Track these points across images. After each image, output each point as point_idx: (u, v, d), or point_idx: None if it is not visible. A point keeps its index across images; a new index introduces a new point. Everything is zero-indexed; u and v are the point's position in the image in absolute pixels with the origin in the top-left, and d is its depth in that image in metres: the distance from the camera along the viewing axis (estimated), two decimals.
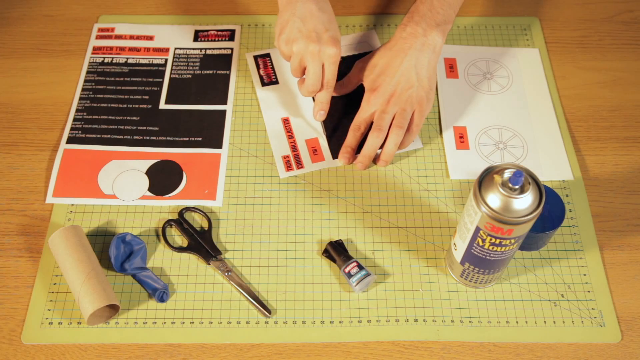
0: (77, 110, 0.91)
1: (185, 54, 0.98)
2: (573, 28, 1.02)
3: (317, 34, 0.80)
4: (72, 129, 0.89)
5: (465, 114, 0.92)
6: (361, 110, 0.85)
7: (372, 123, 0.85)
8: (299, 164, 0.86)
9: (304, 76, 0.85)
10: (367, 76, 0.87)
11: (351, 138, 0.86)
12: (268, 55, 0.98)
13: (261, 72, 0.96)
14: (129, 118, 0.91)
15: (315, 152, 0.88)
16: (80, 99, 0.93)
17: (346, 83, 0.91)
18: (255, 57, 0.97)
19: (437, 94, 0.94)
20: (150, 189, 0.84)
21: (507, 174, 0.63)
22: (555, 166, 0.87)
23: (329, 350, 0.73)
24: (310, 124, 0.90)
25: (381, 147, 0.85)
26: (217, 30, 1.01)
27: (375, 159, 0.86)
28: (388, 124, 0.83)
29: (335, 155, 0.87)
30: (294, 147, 0.88)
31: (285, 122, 0.90)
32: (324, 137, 0.89)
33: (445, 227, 0.82)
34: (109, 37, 1.00)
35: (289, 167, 0.86)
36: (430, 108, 0.86)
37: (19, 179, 0.85)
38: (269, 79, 0.95)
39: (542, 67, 0.97)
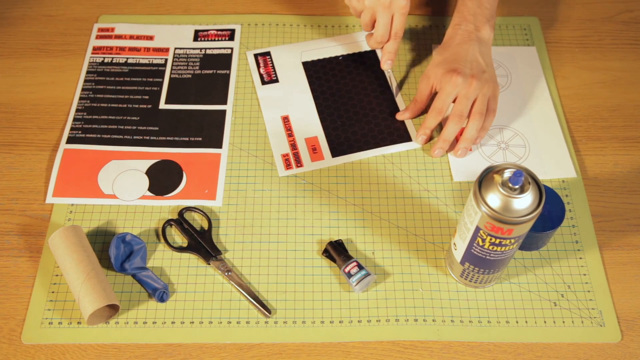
0: (77, 110, 0.91)
1: (185, 53, 0.98)
2: (573, 28, 1.02)
3: None
4: (72, 128, 0.89)
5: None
6: (443, 92, 0.85)
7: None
8: (299, 163, 0.86)
9: (372, 31, 0.89)
10: (438, 70, 0.86)
11: (432, 120, 0.86)
12: (268, 53, 0.98)
13: (261, 70, 0.96)
14: (129, 118, 0.91)
15: (314, 150, 0.88)
16: (80, 99, 0.93)
17: (418, 98, 0.90)
18: (256, 55, 0.97)
19: None
20: (150, 189, 0.84)
21: (507, 173, 0.63)
22: (558, 164, 0.87)
23: (329, 350, 0.73)
24: (311, 123, 0.90)
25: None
26: (217, 30, 1.01)
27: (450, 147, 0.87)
28: (468, 109, 0.85)
29: (334, 153, 0.87)
30: (293, 146, 0.88)
31: (285, 120, 0.91)
32: (394, 90, 0.93)
33: (445, 227, 0.82)
34: (109, 37, 1.00)
35: (288, 166, 0.86)
36: (499, 92, 0.88)
37: (19, 179, 0.85)
38: (269, 78, 0.95)
39: (540, 65, 0.97)
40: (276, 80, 0.95)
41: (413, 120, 0.91)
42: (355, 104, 0.92)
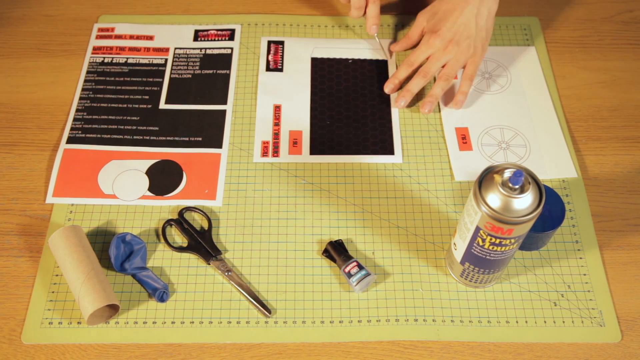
0: (77, 110, 0.91)
1: (185, 53, 0.98)
2: (573, 28, 1.02)
3: None
4: (72, 128, 0.89)
5: (466, 114, 0.92)
6: (418, 49, 0.89)
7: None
8: (275, 152, 0.87)
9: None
10: (428, 20, 0.90)
11: (402, 71, 0.89)
12: (282, 42, 0.98)
13: (270, 57, 0.96)
14: (129, 118, 0.91)
15: (295, 144, 0.88)
16: (80, 98, 0.93)
17: (410, 35, 0.93)
18: (269, 42, 0.98)
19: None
20: (150, 189, 0.84)
21: (507, 173, 0.63)
22: (558, 164, 0.87)
23: (329, 350, 0.73)
24: (300, 117, 0.90)
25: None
26: (217, 30, 1.01)
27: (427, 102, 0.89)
28: (436, 71, 0.88)
29: (313, 151, 0.87)
30: (276, 135, 0.88)
31: (277, 109, 0.91)
32: (388, 58, 0.95)
33: (445, 227, 0.82)
34: (109, 37, 1.00)
35: (265, 153, 0.87)
36: (482, 59, 0.91)
37: (19, 179, 0.85)
38: (275, 65, 0.95)
39: (539, 64, 0.97)
40: (280, 70, 0.95)
41: (401, 136, 0.90)
42: (350, 109, 0.92)
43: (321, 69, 0.96)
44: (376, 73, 0.96)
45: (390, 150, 0.88)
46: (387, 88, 0.91)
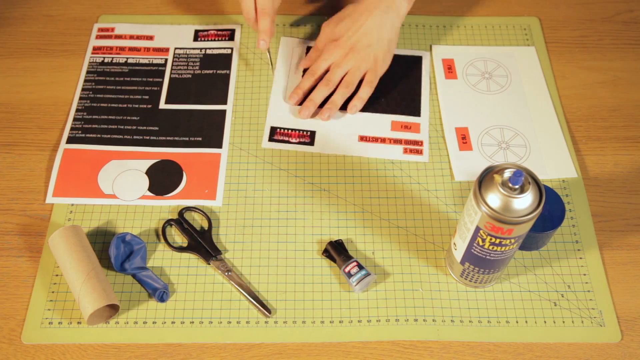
0: (77, 110, 0.91)
1: (185, 53, 0.98)
2: (573, 28, 1.02)
3: None
4: (72, 128, 0.89)
5: (466, 114, 0.92)
6: (320, 58, 0.90)
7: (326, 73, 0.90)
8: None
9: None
10: (331, 28, 0.90)
11: (306, 81, 0.90)
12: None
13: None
14: (129, 118, 0.91)
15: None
16: (80, 98, 0.93)
17: (316, 46, 0.93)
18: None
19: (437, 95, 0.94)
20: (150, 189, 0.84)
21: (507, 173, 0.63)
22: (558, 164, 0.87)
23: (329, 350, 0.73)
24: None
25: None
26: (217, 30, 1.01)
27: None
28: (338, 79, 0.88)
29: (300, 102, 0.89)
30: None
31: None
32: (272, 71, 0.95)
33: (445, 227, 0.82)
34: (109, 37, 1.00)
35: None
36: (385, 69, 0.91)
37: (19, 179, 0.85)
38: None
39: (539, 64, 0.97)
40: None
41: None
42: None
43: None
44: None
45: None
46: (292, 99, 0.90)
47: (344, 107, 0.90)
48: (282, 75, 0.95)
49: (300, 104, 0.91)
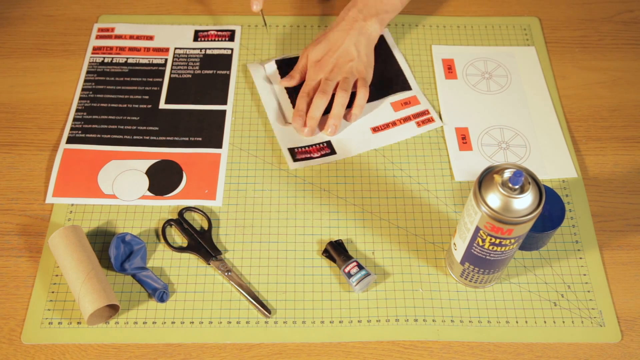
0: (77, 110, 0.91)
1: (185, 53, 0.98)
2: (573, 28, 1.02)
3: None
4: (72, 128, 0.89)
5: (466, 114, 0.92)
6: (308, 79, 0.91)
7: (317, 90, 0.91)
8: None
9: None
10: (311, 51, 0.92)
11: (302, 103, 0.90)
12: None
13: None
14: (129, 118, 0.91)
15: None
16: (80, 98, 0.93)
17: (296, 69, 0.94)
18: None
19: (437, 95, 0.94)
20: (150, 189, 0.84)
21: (507, 173, 0.63)
22: (558, 164, 0.87)
23: (329, 350, 0.73)
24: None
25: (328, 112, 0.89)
26: (217, 30, 1.01)
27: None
28: (332, 88, 0.89)
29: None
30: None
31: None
32: (266, 27, 1.00)
33: (445, 227, 0.82)
34: (109, 37, 1.00)
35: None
36: (370, 77, 0.93)
37: (19, 179, 0.85)
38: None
39: (539, 64, 0.97)
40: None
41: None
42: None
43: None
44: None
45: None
46: (297, 124, 0.88)
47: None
48: (271, 96, 0.93)
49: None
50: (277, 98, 0.93)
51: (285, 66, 0.96)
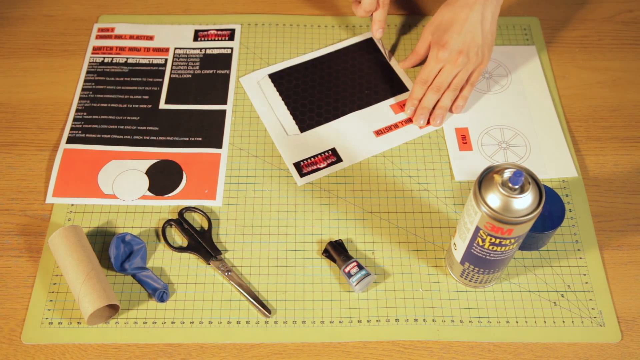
0: (77, 110, 0.91)
1: (185, 53, 0.98)
2: (573, 28, 1.02)
3: None
4: (72, 128, 0.89)
5: (466, 114, 0.92)
6: (428, 65, 0.89)
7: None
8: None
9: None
10: (433, 33, 0.90)
11: (418, 90, 0.90)
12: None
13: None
14: (129, 118, 0.91)
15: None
16: (80, 98, 0.93)
17: (417, 50, 0.93)
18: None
19: None
20: (150, 189, 0.84)
21: (507, 173, 0.63)
22: (558, 164, 0.87)
23: (329, 350, 0.73)
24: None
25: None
26: (217, 30, 1.01)
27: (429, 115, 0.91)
28: (448, 82, 0.88)
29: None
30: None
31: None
32: (386, 55, 0.97)
33: (445, 227, 0.82)
34: (109, 37, 1.00)
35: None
36: (488, 64, 0.91)
37: (19, 179, 0.85)
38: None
39: (539, 64, 0.97)
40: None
41: None
42: (317, 85, 0.94)
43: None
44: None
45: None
46: (409, 110, 0.90)
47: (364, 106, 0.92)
48: (269, 111, 0.92)
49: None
50: (274, 112, 0.92)
51: (279, 78, 0.95)
